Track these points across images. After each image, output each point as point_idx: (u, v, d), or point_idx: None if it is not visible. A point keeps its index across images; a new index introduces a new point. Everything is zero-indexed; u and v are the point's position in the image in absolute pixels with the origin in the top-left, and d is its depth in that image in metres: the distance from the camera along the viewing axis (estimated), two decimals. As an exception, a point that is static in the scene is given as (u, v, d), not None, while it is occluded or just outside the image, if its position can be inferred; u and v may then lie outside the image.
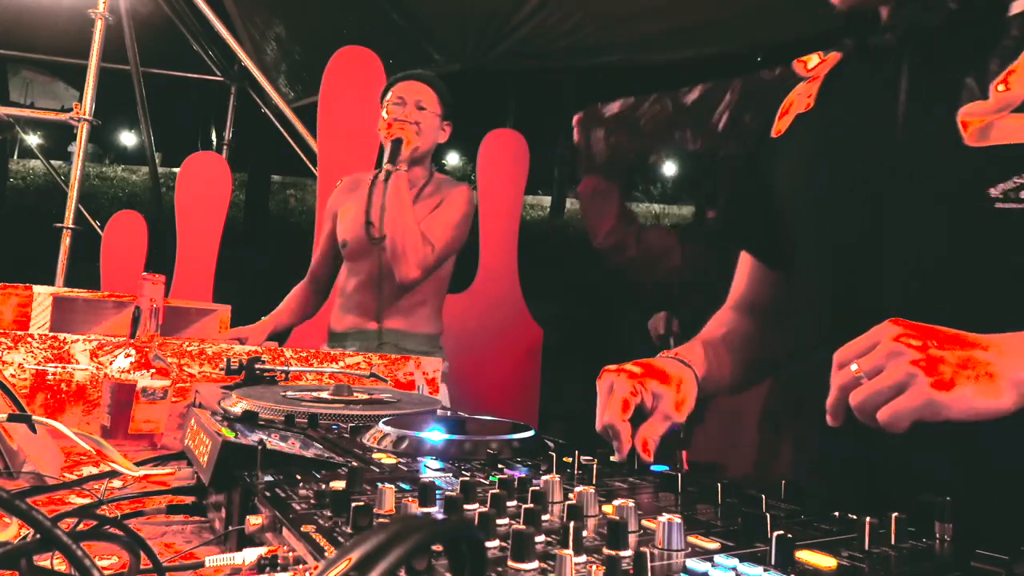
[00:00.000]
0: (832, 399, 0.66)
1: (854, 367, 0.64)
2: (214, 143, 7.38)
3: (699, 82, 2.21)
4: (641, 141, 2.28)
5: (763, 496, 0.60)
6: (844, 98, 0.89)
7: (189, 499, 0.72)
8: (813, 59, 0.95)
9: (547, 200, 15.10)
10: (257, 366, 1.24)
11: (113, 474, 0.82)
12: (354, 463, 0.70)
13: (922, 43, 0.78)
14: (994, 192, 0.70)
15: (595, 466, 0.71)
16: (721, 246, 1.14)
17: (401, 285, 2.01)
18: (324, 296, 2.30)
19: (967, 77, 0.72)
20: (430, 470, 0.71)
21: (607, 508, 0.56)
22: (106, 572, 0.40)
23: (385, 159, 1.99)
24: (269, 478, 0.62)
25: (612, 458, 0.80)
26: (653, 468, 0.77)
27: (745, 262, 1.09)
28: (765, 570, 0.43)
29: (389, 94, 2.09)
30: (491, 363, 3.52)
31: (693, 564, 0.44)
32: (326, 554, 0.45)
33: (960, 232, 0.74)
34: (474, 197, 2.16)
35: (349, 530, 0.48)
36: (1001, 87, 0.70)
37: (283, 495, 0.57)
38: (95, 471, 0.88)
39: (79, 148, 3.54)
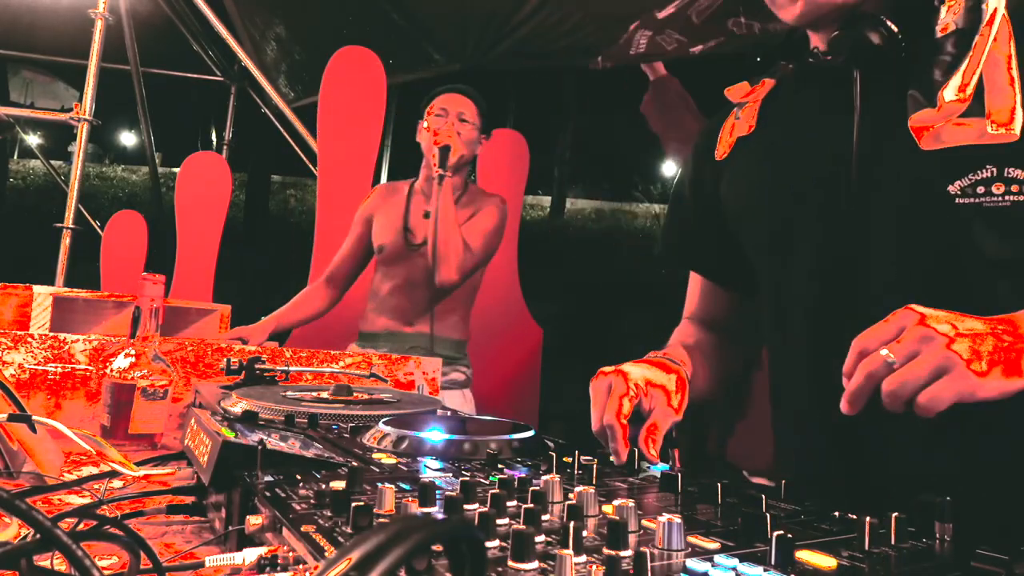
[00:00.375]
0: (856, 386, 0.66)
1: (885, 352, 0.64)
2: (214, 143, 7.39)
3: (698, 77, 2.21)
4: (696, 34, 2.29)
5: (763, 496, 0.60)
6: (786, 119, 0.94)
7: (189, 499, 0.72)
8: (744, 87, 0.99)
9: (547, 200, 15.10)
10: (257, 366, 1.24)
11: (113, 474, 0.82)
12: (354, 463, 0.70)
13: (867, 61, 0.83)
14: (953, 189, 0.76)
15: (595, 466, 0.71)
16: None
17: (440, 288, 2.07)
18: (338, 298, 2.31)
19: (912, 90, 0.78)
20: (430, 470, 0.71)
21: (607, 508, 0.56)
22: (106, 572, 0.40)
23: (434, 164, 2.05)
24: (269, 478, 0.62)
25: (612, 459, 0.80)
26: (653, 468, 0.77)
27: (696, 280, 1.13)
28: (765, 570, 0.43)
29: (431, 105, 2.17)
30: (491, 363, 3.52)
31: (693, 564, 0.44)
32: (326, 554, 0.45)
33: (927, 228, 0.78)
34: (506, 210, 2.24)
35: (349, 530, 0.48)
36: (946, 95, 0.75)
37: (283, 495, 0.57)
38: (95, 471, 0.88)
39: (79, 148, 3.54)
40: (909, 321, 0.65)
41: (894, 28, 0.81)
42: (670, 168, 12.90)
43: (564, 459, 0.74)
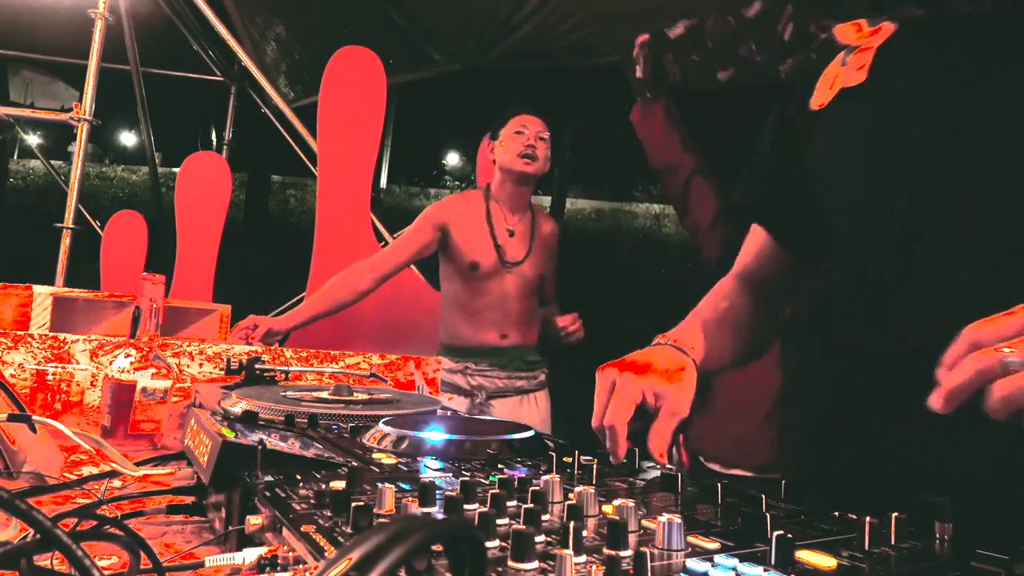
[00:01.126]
0: (962, 382, 0.55)
1: (1008, 350, 0.54)
2: (214, 143, 7.39)
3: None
4: (708, 59, 2.29)
5: (763, 496, 0.60)
6: (907, 74, 0.79)
7: (189, 499, 0.72)
8: (858, 28, 0.84)
9: (547, 200, 15.08)
10: (257, 366, 1.24)
11: (113, 474, 0.82)
12: (354, 463, 0.70)
13: (1010, 16, 0.69)
14: None
15: (595, 466, 0.71)
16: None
17: (530, 290, 2.29)
18: (372, 289, 2.29)
19: None
20: (430, 470, 0.71)
21: (607, 508, 0.56)
22: (106, 572, 0.40)
23: (516, 181, 2.28)
24: (269, 478, 0.62)
25: (610, 459, 0.79)
26: (653, 468, 0.77)
27: (757, 236, 1.04)
28: (765, 570, 0.43)
29: (508, 124, 2.30)
30: (491, 363, 3.51)
31: (693, 564, 0.44)
32: (326, 554, 0.45)
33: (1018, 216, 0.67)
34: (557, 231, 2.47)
35: (349, 530, 0.48)
36: None
37: (283, 495, 0.57)
38: (95, 471, 0.88)
39: (79, 148, 3.54)
40: None
41: None
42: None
43: (564, 459, 0.74)
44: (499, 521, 0.50)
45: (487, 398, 2.19)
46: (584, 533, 0.50)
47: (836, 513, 0.59)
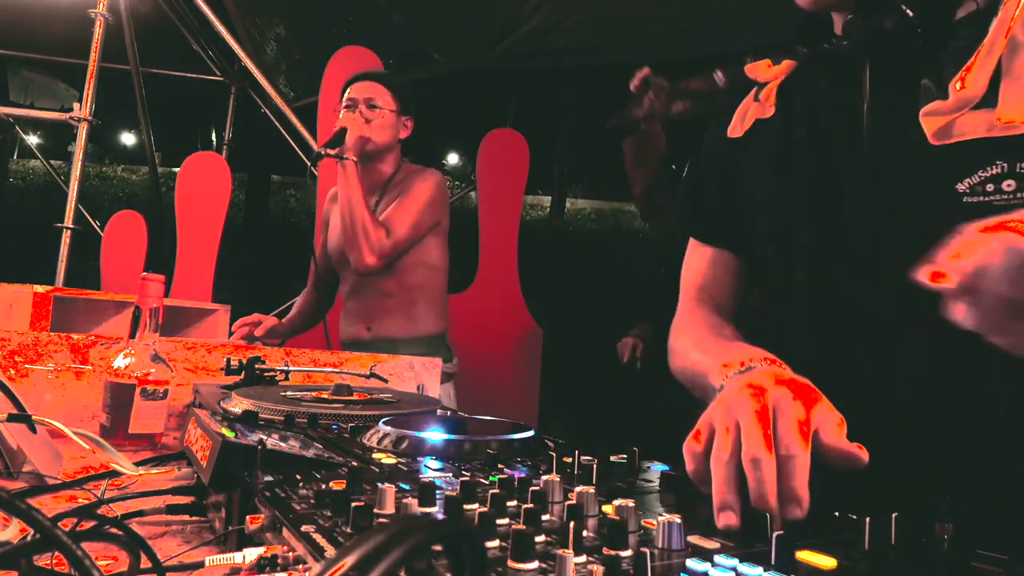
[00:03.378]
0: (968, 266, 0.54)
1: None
2: (214, 143, 7.39)
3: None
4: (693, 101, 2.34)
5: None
6: (803, 105, 0.90)
7: (189, 499, 0.72)
8: (764, 66, 0.94)
9: (547, 200, 15.10)
10: (257, 366, 1.24)
11: (113, 474, 0.82)
12: (354, 463, 0.70)
13: (880, 48, 0.80)
14: (961, 187, 0.71)
15: (595, 466, 0.71)
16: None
17: (362, 274, 1.98)
18: (329, 302, 2.30)
19: (925, 79, 0.75)
20: (430, 470, 0.71)
21: (607, 508, 0.56)
22: (106, 572, 0.40)
23: (321, 144, 1.97)
24: (269, 478, 0.62)
25: (724, 525, 0.54)
26: (653, 468, 0.77)
27: (703, 256, 1.04)
28: (765, 570, 0.43)
29: (343, 98, 2.08)
30: (491, 363, 3.52)
31: (693, 564, 0.44)
32: (326, 554, 0.45)
33: (932, 228, 0.70)
34: (442, 180, 2.12)
35: (349, 530, 0.48)
36: (958, 85, 0.71)
37: (283, 495, 0.57)
38: (95, 471, 0.88)
39: (79, 148, 3.54)
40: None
41: (910, 13, 0.76)
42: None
43: (564, 459, 0.74)
44: (499, 521, 0.50)
45: None
46: (584, 533, 0.50)
47: (836, 513, 0.59)
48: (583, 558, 0.44)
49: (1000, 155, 0.69)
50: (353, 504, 0.49)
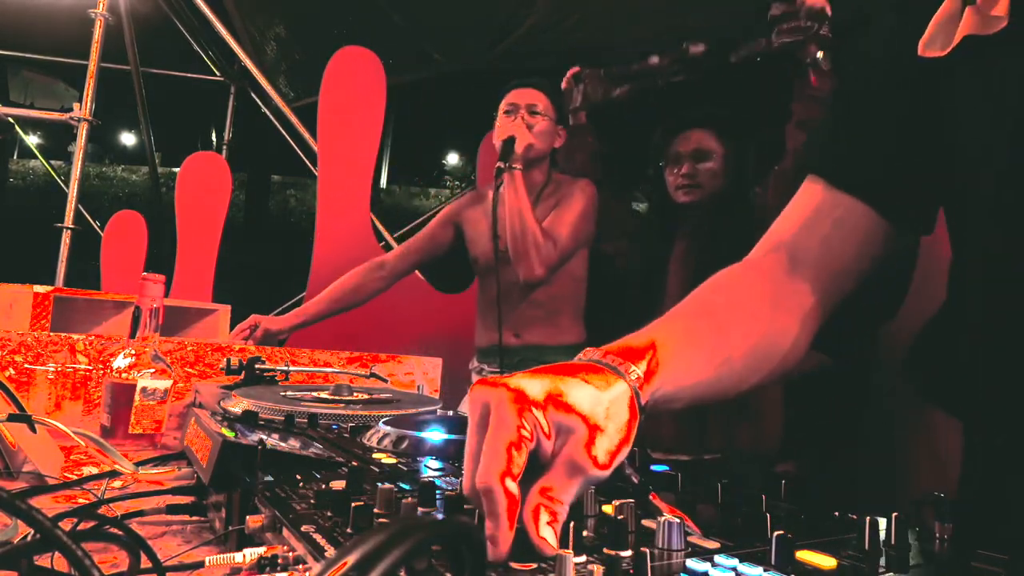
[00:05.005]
0: None
1: None
2: (214, 143, 7.38)
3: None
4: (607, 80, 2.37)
5: (763, 496, 0.60)
6: None
7: (189, 499, 0.72)
8: None
9: (547, 200, 15.07)
10: (257, 366, 1.24)
11: (113, 474, 0.82)
12: (354, 463, 0.70)
13: None
14: None
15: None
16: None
17: (528, 286, 1.98)
18: (383, 288, 2.24)
19: None
20: (430, 470, 0.71)
21: (607, 508, 0.56)
22: (106, 572, 0.40)
23: (498, 159, 1.95)
24: (269, 478, 0.62)
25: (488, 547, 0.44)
26: (653, 468, 0.77)
27: (816, 198, 0.74)
28: (765, 570, 0.43)
29: (501, 105, 2.08)
30: (491, 363, 3.51)
31: (693, 564, 0.44)
32: (326, 554, 0.45)
33: None
34: (595, 191, 2.11)
35: (349, 530, 0.48)
36: None
37: (283, 495, 0.57)
38: (95, 471, 0.88)
39: (79, 148, 3.54)
40: None
41: None
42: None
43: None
44: (499, 521, 0.50)
45: None
46: (584, 533, 0.50)
47: (836, 513, 0.59)
48: (583, 558, 0.44)
49: None
50: (353, 504, 0.49)
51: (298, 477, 0.63)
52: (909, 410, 1.66)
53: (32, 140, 8.73)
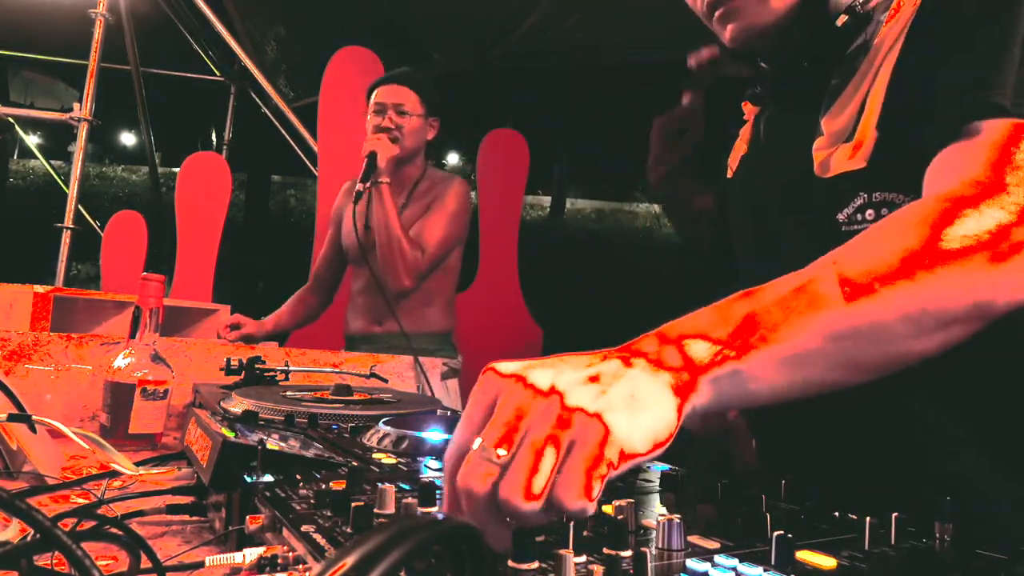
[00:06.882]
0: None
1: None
2: (214, 143, 7.39)
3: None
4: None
5: (763, 496, 0.60)
6: (756, 141, 0.95)
7: (189, 499, 0.72)
8: (746, 105, 0.99)
9: (547, 200, 15.09)
10: (257, 366, 1.24)
11: (113, 474, 0.82)
12: (354, 463, 0.70)
13: (787, 90, 0.88)
14: (841, 217, 0.75)
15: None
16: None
17: (397, 294, 1.99)
18: (326, 299, 2.29)
19: (814, 117, 0.79)
20: (430, 470, 0.71)
21: (607, 508, 0.56)
22: (106, 572, 0.40)
23: (359, 178, 1.93)
24: (269, 478, 0.62)
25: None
26: (653, 468, 0.77)
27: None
28: (765, 570, 0.43)
29: (370, 102, 2.08)
30: (491, 362, 3.51)
31: (693, 564, 0.44)
32: (326, 554, 0.45)
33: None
34: (468, 190, 2.14)
35: (349, 530, 0.48)
36: (828, 121, 0.76)
37: (283, 495, 0.57)
38: (95, 471, 0.88)
39: (79, 148, 3.54)
40: None
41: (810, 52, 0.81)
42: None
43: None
44: (499, 521, 0.50)
45: None
46: (584, 533, 0.50)
47: (836, 513, 0.59)
48: (583, 558, 0.44)
49: (860, 186, 0.74)
50: (353, 504, 0.49)
51: (298, 477, 0.63)
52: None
53: (32, 140, 8.73)
